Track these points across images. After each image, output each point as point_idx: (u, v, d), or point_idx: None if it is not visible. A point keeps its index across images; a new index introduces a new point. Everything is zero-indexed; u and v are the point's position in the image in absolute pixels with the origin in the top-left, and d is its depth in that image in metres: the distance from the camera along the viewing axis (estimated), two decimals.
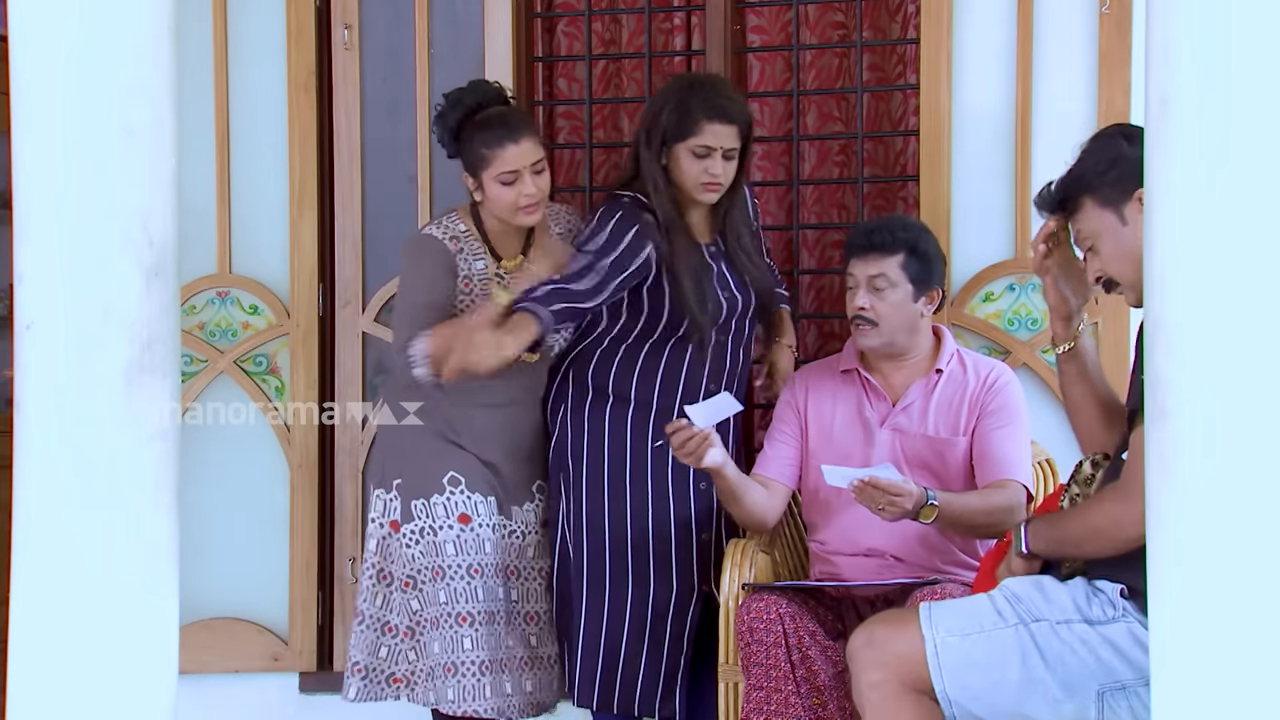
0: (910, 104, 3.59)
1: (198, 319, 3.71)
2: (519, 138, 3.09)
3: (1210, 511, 1.77)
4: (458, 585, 3.14)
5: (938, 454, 3.07)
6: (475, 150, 3.10)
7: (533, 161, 3.09)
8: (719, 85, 3.24)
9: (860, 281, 3.06)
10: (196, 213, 3.59)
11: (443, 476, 3.16)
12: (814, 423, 3.15)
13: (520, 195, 3.09)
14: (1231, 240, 1.75)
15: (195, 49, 3.59)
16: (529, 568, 3.26)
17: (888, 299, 3.05)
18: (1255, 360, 1.75)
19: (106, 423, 2.08)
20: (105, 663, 2.08)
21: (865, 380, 3.15)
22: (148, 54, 2.10)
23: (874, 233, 3.07)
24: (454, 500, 3.16)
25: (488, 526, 3.17)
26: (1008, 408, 3.08)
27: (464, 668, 3.13)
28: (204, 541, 3.57)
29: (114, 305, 2.07)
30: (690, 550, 3.22)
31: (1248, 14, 1.74)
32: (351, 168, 3.69)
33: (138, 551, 2.12)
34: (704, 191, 3.15)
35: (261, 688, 3.70)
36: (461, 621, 3.13)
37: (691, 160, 3.12)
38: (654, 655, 3.20)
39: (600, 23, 3.76)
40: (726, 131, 3.11)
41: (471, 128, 3.11)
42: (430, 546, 3.15)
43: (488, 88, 3.17)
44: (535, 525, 3.27)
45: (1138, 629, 2.34)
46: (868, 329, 3.07)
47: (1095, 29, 3.34)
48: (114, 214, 2.08)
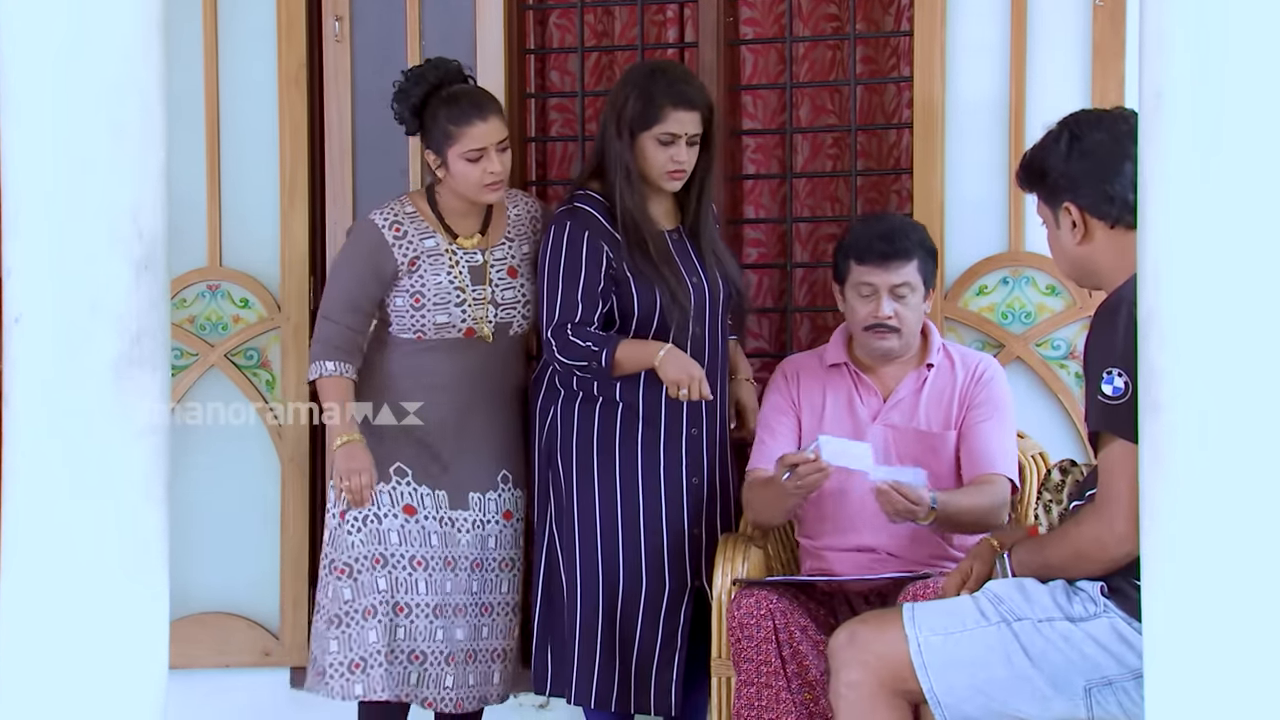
0: (904, 96, 3.59)
1: (188, 312, 3.69)
2: (487, 115, 3.11)
3: (1204, 504, 1.76)
4: (399, 575, 3.14)
5: (930, 448, 3.06)
6: (441, 126, 3.11)
7: (499, 140, 3.11)
8: (679, 72, 3.25)
9: (882, 290, 3.03)
10: (187, 206, 3.58)
11: (389, 465, 3.18)
12: (807, 415, 3.14)
13: (485, 173, 3.11)
14: (1225, 232, 1.75)
15: (185, 41, 3.57)
16: (491, 558, 3.25)
17: (910, 304, 3.04)
18: (1249, 353, 1.74)
19: (96, 417, 2.07)
20: (95, 657, 2.07)
21: (855, 375, 3.14)
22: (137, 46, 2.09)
23: (890, 239, 3.04)
24: (399, 491, 3.18)
25: (433, 520, 3.18)
26: (993, 399, 3.09)
27: (397, 656, 3.13)
28: (195, 536, 3.56)
29: (103, 298, 2.06)
30: (682, 546, 3.21)
31: (1241, 6, 1.74)
32: (342, 160, 3.68)
33: (128, 546, 2.11)
34: (669, 180, 3.16)
35: (252, 683, 3.70)
36: (399, 611, 3.14)
37: (656, 148, 3.12)
38: (647, 651, 3.19)
39: (593, 15, 3.75)
40: (689, 117, 3.12)
41: (437, 103, 3.12)
42: (373, 534, 3.16)
43: (449, 65, 3.18)
44: (497, 515, 3.25)
45: (1120, 624, 2.35)
46: (891, 336, 3.05)
47: (1089, 21, 3.34)
48: (103, 207, 2.07)
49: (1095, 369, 2.32)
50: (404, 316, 3.19)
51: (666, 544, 3.20)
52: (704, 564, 3.21)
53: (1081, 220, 2.41)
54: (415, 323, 3.18)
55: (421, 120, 3.14)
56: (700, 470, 3.24)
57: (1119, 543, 2.29)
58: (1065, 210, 2.42)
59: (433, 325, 3.18)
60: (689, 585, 3.22)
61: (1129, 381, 2.22)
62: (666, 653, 3.20)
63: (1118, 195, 2.37)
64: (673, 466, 3.20)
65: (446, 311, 3.17)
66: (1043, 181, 2.46)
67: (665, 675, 3.19)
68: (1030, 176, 2.50)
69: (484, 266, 3.21)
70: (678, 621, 3.20)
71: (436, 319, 3.17)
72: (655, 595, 3.19)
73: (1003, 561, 2.52)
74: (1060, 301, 3.40)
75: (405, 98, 3.15)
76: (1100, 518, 2.34)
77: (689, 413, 3.22)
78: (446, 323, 3.18)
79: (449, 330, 3.19)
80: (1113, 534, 2.30)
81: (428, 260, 3.17)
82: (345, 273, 3.20)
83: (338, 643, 3.19)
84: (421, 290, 3.17)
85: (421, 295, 3.17)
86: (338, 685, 3.18)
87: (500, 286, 3.22)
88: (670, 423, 3.21)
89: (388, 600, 3.16)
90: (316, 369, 3.17)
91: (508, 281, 3.23)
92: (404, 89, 3.16)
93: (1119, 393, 2.26)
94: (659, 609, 3.19)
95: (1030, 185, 2.51)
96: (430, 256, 3.17)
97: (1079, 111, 2.52)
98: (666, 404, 3.18)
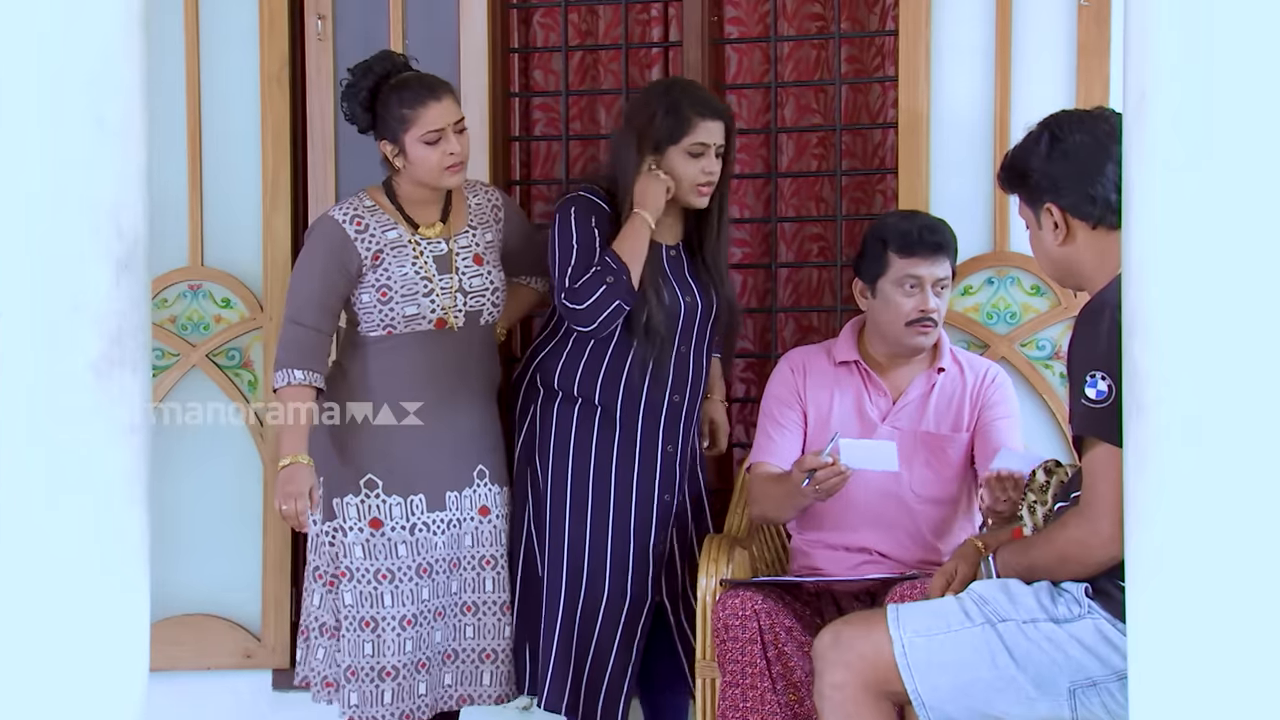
0: (889, 96, 3.58)
1: (169, 312, 3.67)
2: (440, 95, 3.09)
3: (1189, 505, 1.76)
4: (364, 589, 3.12)
5: (938, 450, 3.06)
6: (394, 113, 3.09)
7: (455, 119, 3.10)
8: (696, 85, 3.27)
9: (928, 282, 3.02)
10: (168, 205, 3.56)
11: (359, 479, 3.15)
12: (812, 411, 3.12)
13: (445, 155, 3.09)
14: (1210, 233, 1.74)
15: (166, 39, 3.56)
16: (468, 557, 3.23)
17: (945, 298, 3.07)
18: (1234, 354, 1.73)
19: (76, 417, 2.05)
20: (75, 659, 2.05)
21: (866, 374, 3.13)
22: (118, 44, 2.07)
23: (936, 231, 3.04)
24: (368, 504, 3.15)
25: (402, 530, 3.15)
26: (1008, 400, 3.12)
27: (364, 673, 3.12)
28: (176, 537, 3.54)
29: (83, 298, 2.04)
30: (647, 559, 3.20)
31: (1226, 7, 1.73)
32: (325, 160, 3.66)
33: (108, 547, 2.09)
34: (698, 194, 3.14)
35: (234, 685, 3.68)
36: (365, 626, 3.12)
37: (687, 161, 3.11)
38: (601, 660, 3.17)
39: (577, 14, 3.74)
40: (716, 127, 3.13)
41: (387, 91, 3.10)
42: (340, 548, 3.14)
43: (396, 56, 3.18)
44: (473, 511, 3.23)
45: (1104, 626, 2.35)
46: (933, 329, 3.06)
47: (1074, 22, 3.34)
48: (84, 205, 2.05)
49: (1078, 372, 2.32)
50: (372, 312, 3.15)
51: (632, 555, 3.18)
52: (664, 580, 3.20)
53: (1063, 221, 2.41)
54: (384, 317, 3.15)
55: (374, 113, 3.12)
56: (672, 488, 3.23)
57: (1103, 546, 2.29)
58: (1047, 211, 2.42)
59: (402, 318, 3.15)
60: (649, 599, 3.20)
61: (1113, 385, 2.22)
62: (620, 663, 3.18)
63: (1100, 196, 2.37)
64: (645, 481, 3.19)
65: (415, 303, 3.14)
66: (1024, 182, 2.46)
67: (615, 687, 3.17)
68: (1011, 177, 2.49)
69: (449, 255, 3.18)
70: (634, 634, 3.19)
71: (405, 311, 3.14)
72: (616, 605, 3.17)
73: (987, 563, 2.52)
74: (1045, 302, 3.41)
75: (354, 92, 3.13)
76: (1084, 521, 2.33)
77: (665, 427, 3.20)
78: (416, 314, 3.15)
79: (419, 322, 3.16)
80: (1097, 537, 2.30)
81: (391, 252, 3.14)
82: (310, 273, 3.15)
83: (324, 651, 3.20)
84: (388, 283, 3.14)
85: (388, 288, 3.14)
86: (321, 695, 3.22)
87: (467, 274, 3.20)
88: (646, 434, 3.19)
89: (353, 615, 3.14)
90: (284, 376, 3.10)
91: (474, 269, 3.20)
92: (352, 84, 3.14)
93: (1102, 396, 2.26)
94: (618, 619, 3.18)
95: (1011, 186, 2.50)
96: (394, 248, 3.14)
97: (1060, 112, 2.52)
98: (645, 411, 3.17)
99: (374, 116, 3.12)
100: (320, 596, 3.20)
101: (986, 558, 2.53)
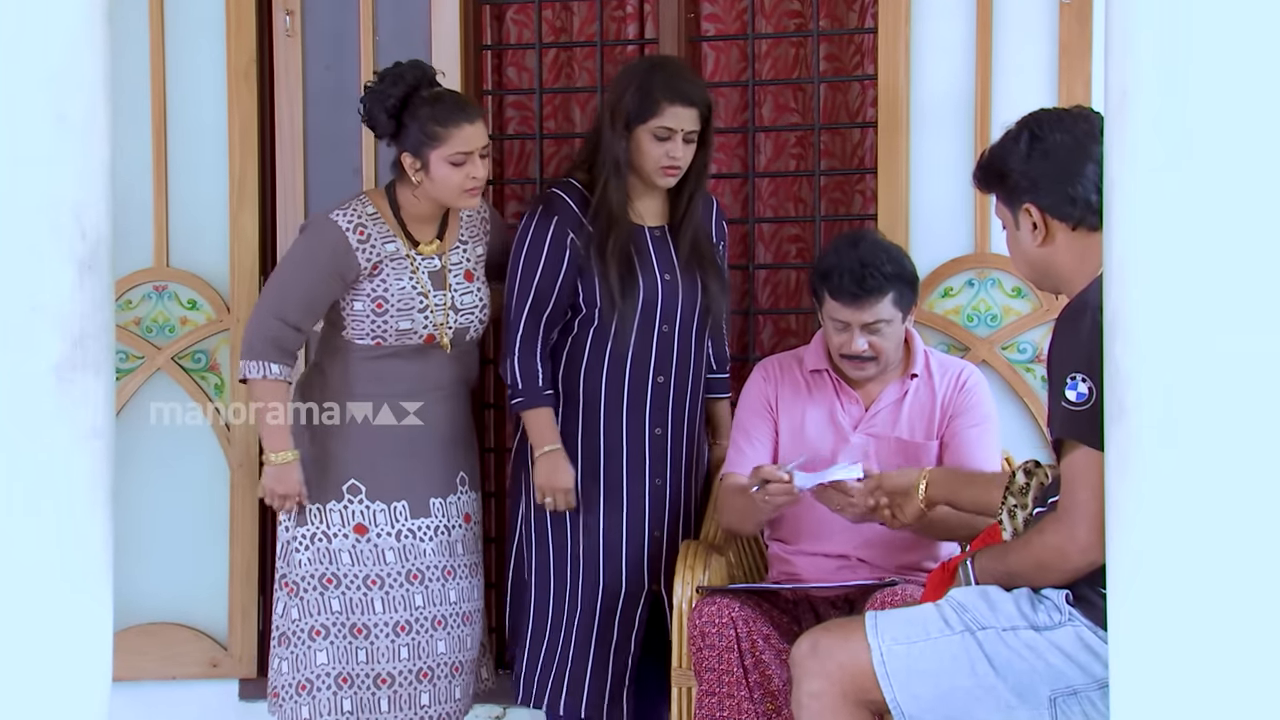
0: (868, 95, 3.56)
1: (134, 314, 3.62)
2: (474, 118, 3.08)
3: (1171, 509, 1.74)
4: (353, 595, 3.09)
5: (911, 457, 3.03)
6: (425, 127, 3.05)
7: (483, 145, 3.09)
8: (680, 68, 3.24)
9: (854, 326, 2.96)
10: (132, 204, 3.53)
11: (341, 484, 3.12)
12: (785, 421, 3.11)
13: (468, 178, 3.07)
14: (1191, 234, 1.73)
15: (130, 33, 3.51)
16: (460, 565, 3.21)
17: (886, 335, 2.98)
18: (1214, 356, 1.72)
19: (37, 421, 2.02)
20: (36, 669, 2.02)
21: (837, 382, 3.10)
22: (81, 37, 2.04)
23: (861, 281, 2.92)
24: (351, 510, 3.13)
25: (388, 536, 3.12)
26: (979, 407, 3.06)
27: (359, 680, 3.09)
28: (141, 544, 3.51)
29: (44, 299, 2.01)
30: (642, 549, 3.19)
31: (1207, 6, 1.72)
32: (294, 158, 3.62)
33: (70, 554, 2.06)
34: (663, 175, 3.14)
35: (200, 695, 3.64)
36: (356, 633, 3.09)
37: (653, 143, 3.11)
38: (601, 656, 3.16)
39: (551, 10, 3.71)
40: (687, 114, 3.11)
41: (419, 104, 3.06)
42: (323, 554, 3.11)
43: (427, 67, 3.14)
44: (459, 519, 3.22)
45: (1085, 633, 2.33)
46: (868, 365, 3.01)
47: (1055, 20, 3.33)
48: (45, 204, 2.02)
49: (1058, 374, 2.29)
50: (363, 322, 3.13)
51: (625, 542, 3.18)
52: (663, 569, 3.18)
53: (1042, 222, 2.39)
54: (375, 328, 3.13)
55: (398, 121, 3.07)
56: (664, 472, 3.21)
57: (1081, 552, 2.27)
58: (1025, 212, 2.40)
59: (394, 331, 3.13)
60: (645, 590, 3.19)
61: (1093, 387, 2.20)
62: (621, 658, 3.16)
63: (1079, 196, 2.35)
64: (635, 465, 3.19)
65: (410, 318, 3.12)
66: (1002, 182, 2.44)
67: (620, 683, 3.17)
68: (989, 177, 2.47)
69: (443, 271, 3.17)
70: (631, 627, 3.18)
71: (399, 325, 3.12)
72: (611, 598, 3.17)
73: (966, 569, 2.50)
74: (1026, 304, 3.39)
75: (382, 98, 3.07)
76: (1062, 526, 2.31)
77: (652, 410, 3.19)
78: (409, 329, 3.13)
79: (410, 337, 3.14)
80: (1075, 543, 2.28)
81: (390, 265, 3.11)
82: (304, 273, 3.11)
83: (288, 664, 3.16)
84: (385, 295, 3.11)
85: (384, 300, 3.11)
86: (289, 707, 3.14)
87: (459, 291, 3.18)
88: (632, 417, 3.19)
89: (342, 622, 3.11)
90: (259, 368, 3.07)
91: (465, 286, 3.19)
92: (380, 90, 3.08)
93: (1083, 399, 2.24)
94: (614, 612, 3.17)
95: (989, 186, 2.48)
96: (392, 261, 3.12)
97: (1039, 111, 2.49)
98: (629, 395, 3.16)
99: (398, 125, 3.07)
100: (283, 606, 3.16)
101: (964, 563, 2.51)
